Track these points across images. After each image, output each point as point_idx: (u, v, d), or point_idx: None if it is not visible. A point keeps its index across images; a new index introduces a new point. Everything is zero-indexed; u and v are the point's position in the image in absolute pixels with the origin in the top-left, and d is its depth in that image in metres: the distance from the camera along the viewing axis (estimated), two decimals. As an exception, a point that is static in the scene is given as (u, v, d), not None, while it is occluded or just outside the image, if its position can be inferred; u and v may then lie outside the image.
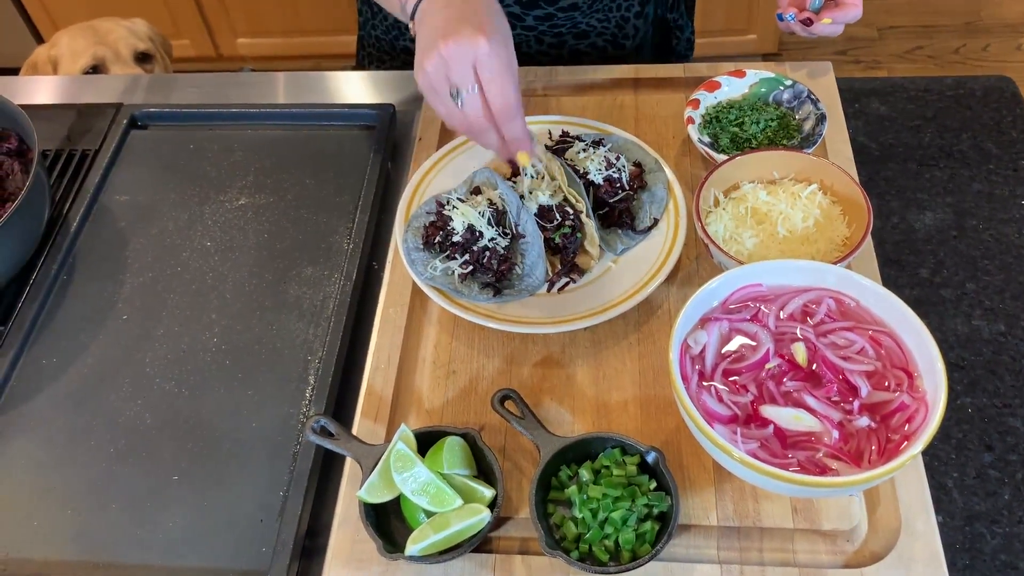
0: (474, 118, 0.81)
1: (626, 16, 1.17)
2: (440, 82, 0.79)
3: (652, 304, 0.88)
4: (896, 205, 0.99)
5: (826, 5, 0.95)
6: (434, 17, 0.81)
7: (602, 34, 1.19)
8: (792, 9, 0.96)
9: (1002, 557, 0.73)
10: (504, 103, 0.80)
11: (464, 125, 0.82)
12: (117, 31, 1.75)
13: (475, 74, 0.78)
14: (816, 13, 0.94)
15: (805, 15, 0.94)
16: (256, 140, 1.11)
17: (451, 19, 0.79)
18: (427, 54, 0.79)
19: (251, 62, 2.84)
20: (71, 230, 1.02)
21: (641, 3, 1.17)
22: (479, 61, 0.78)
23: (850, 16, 0.93)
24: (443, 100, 0.81)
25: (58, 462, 0.84)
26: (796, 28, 0.96)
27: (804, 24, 0.95)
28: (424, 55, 0.79)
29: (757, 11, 2.60)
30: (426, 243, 0.90)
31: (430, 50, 0.78)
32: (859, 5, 0.93)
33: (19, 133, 1.03)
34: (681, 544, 0.73)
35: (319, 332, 0.91)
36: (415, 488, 0.72)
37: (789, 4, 0.97)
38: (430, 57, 0.78)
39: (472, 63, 0.78)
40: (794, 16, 0.95)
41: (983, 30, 2.78)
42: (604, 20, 1.17)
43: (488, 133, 0.82)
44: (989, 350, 0.86)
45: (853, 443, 0.68)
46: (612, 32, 1.18)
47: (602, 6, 1.14)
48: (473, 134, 0.83)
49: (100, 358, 0.91)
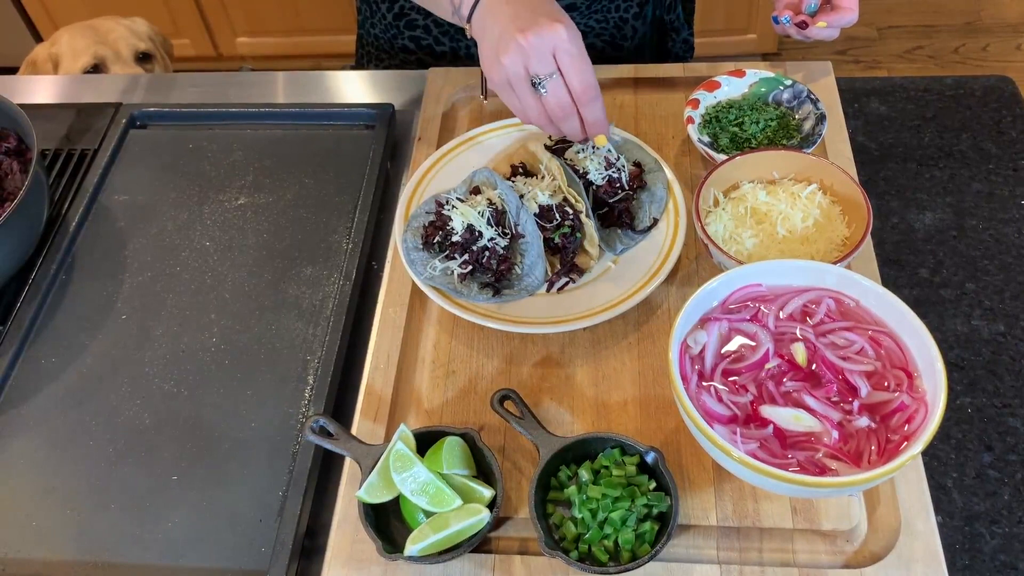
0: (556, 105, 0.83)
1: (624, 17, 1.17)
2: (519, 74, 0.81)
3: (652, 304, 0.88)
4: (896, 205, 0.98)
5: (821, 8, 0.95)
6: (499, 14, 0.82)
7: (600, 35, 1.18)
8: (787, 12, 0.96)
9: (1001, 557, 0.73)
10: (586, 86, 0.82)
11: (543, 116, 0.84)
12: (118, 30, 1.75)
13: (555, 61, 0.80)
14: (811, 16, 0.94)
15: (800, 18, 0.94)
16: (255, 140, 1.11)
17: (520, 13, 0.81)
18: (504, 48, 0.80)
19: (250, 61, 2.84)
20: (70, 230, 1.02)
21: (640, 4, 1.17)
22: (559, 48, 0.80)
23: (845, 20, 0.93)
24: (522, 92, 0.82)
25: (57, 462, 0.83)
26: (791, 31, 0.96)
27: (799, 27, 0.94)
28: (500, 50, 0.80)
29: (757, 11, 2.60)
30: (425, 243, 0.90)
31: (506, 44, 0.80)
32: (855, 10, 0.93)
33: (18, 132, 1.03)
34: (681, 544, 0.73)
35: (318, 332, 0.91)
36: (414, 488, 0.72)
37: (784, 7, 0.97)
38: (507, 51, 0.80)
39: (552, 51, 0.80)
40: (789, 19, 0.95)
41: (983, 30, 2.78)
42: (603, 21, 1.17)
43: (571, 118, 0.84)
44: (989, 350, 0.86)
45: (853, 443, 0.68)
46: (611, 33, 1.18)
47: (600, 7, 1.14)
48: (556, 121, 0.85)
49: (99, 358, 0.91)
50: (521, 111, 0.85)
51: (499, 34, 0.81)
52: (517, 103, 0.85)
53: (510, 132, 1.02)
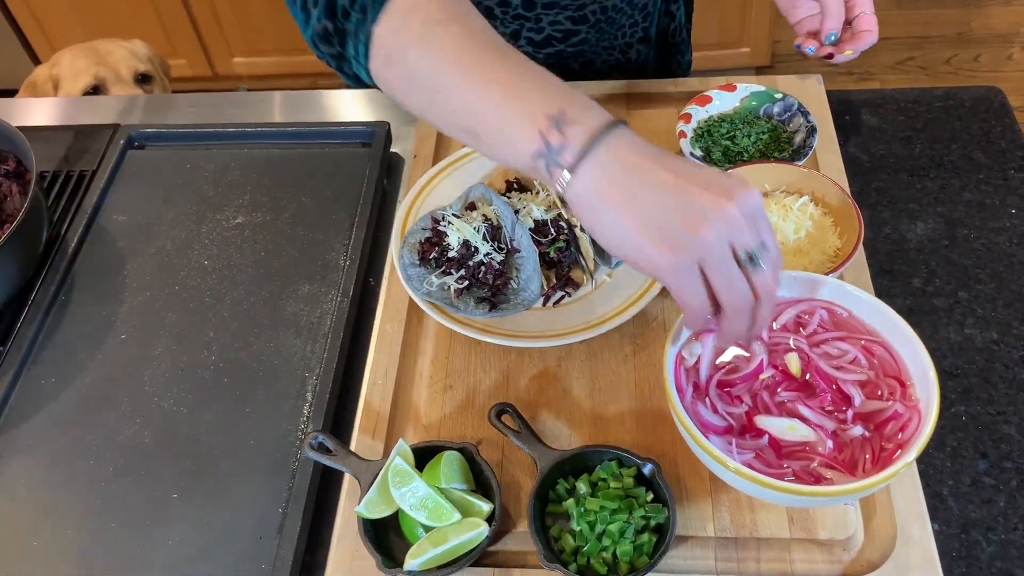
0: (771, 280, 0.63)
1: (630, 42, 1.18)
2: (724, 251, 0.60)
3: (647, 317, 0.89)
4: (888, 215, 0.99)
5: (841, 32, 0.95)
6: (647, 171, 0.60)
7: (607, 60, 1.19)
8: (812, 42, 0.95)
9: (998, 564, 0.74)
10: (778, 252, 0.63)
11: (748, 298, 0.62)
12: (118, 52, 1.76)
13: None
14: (833, 44, 0.94)
15: (826, 51, 0.94)
16: (252, 159, 1.12)
17: (686, 169, 0.61)
18: (702, 219, 0.59)
19: (247, 81, 2.85)
20: (69, 250, 1.03)
21: (644, 28, 1.17)
22: (758, 217, 0.61)
23: (867, 43, 0.93)
24: (728, 274, 0.61)
25: (58, 481, 0.84)
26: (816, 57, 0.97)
27: (826, 58, 0.95)
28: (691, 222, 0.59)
29: (750, 25, 2.62)
30: (422, 259, 0.91)
31: (701, 212, 0.59)
32: (875, 31, 0.93)
33: (17, 155, 1.04)
34: (679, 555, 0.73)
35: (316, 349, 0.91)
36: (413, 503, 0.72)
37: (807, 36, 0.97)
38: (707, 221, 0.58)
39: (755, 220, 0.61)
40: (814, 49, 0.95)
41: (974, 40, 2.80)
42: (609, 48, 1.17)
43: (773, 298, 0.64)
44: (982, 358, 0.86)
45: (847, 452, 0.69)
46: (616, 58, 1.19)
47: (609, 35, 1.15)
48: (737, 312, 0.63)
49: (99, 377, 0.91)
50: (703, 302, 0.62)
51: (673, 199, 0.59)
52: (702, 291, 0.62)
53: (505, 148, 1.03)
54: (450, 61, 0.66)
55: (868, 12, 0.94)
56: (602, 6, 1.08)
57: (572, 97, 0.63)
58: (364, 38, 0.70)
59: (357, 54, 0.72)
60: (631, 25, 1.15)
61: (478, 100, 0.65)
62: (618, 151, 0.61)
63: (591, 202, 0.61)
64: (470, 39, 0.67)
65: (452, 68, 0.66)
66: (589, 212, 0.62)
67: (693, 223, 0.59)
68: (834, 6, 0.92)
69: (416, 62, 0.68)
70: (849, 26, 0.95)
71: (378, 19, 0.69)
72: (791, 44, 1.00)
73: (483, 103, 0.65)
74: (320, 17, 0.73)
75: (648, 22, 1.17)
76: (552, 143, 0.62)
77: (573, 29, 1.10)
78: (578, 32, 1.11)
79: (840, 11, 0.93)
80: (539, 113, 0.62)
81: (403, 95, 0.72)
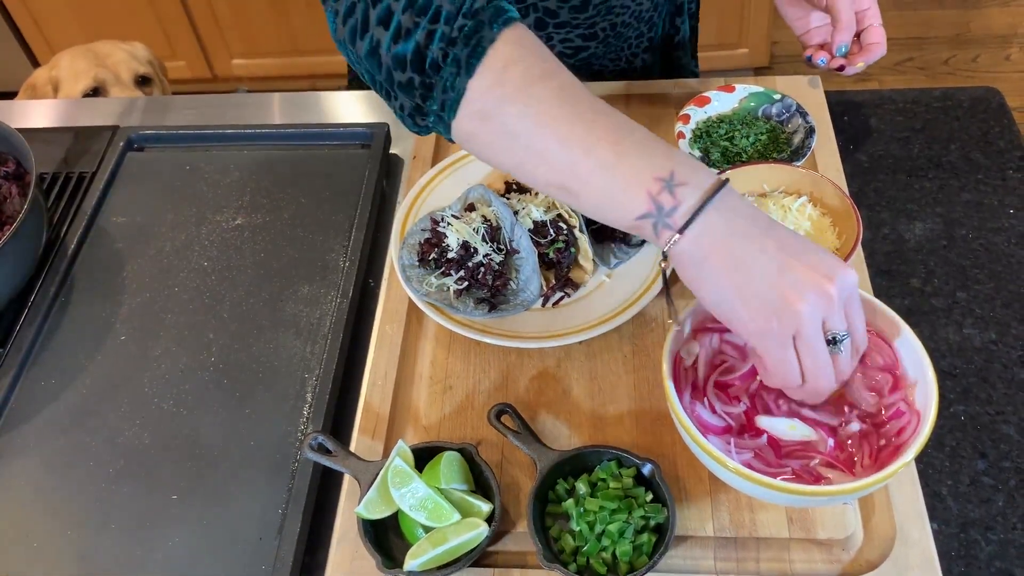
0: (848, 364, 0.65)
1: (635, 52, 1.18)
2: (815, 329, 0.61)
3: (646, 317, 0.89)
4: (886, 216, 1.00)
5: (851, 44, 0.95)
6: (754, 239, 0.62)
7: (613, 71, 1.19)
8: (822, 54, 0.95)
9: (997, 564, 0.74)
10: (865, 338, 0.67)
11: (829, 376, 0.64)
12: (117, 54, 1.77)
13: None
14: (844, 56, 0.94)
15: (837, 63, 0.94)
16: (252, 160, 1.12)
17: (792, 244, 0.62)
18: (799, 293, 0.60)
19: (246, 83, 2.85)
20: (69, 252, 1.03)
21: (650, 38, 1.17)
22: (852, 300, 0.63)
23: (877, 55, 0.93)
24: (817, 350, 0.62)
25: (57, 483, 0.84)
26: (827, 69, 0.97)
27: (837, 71, 0.95)
28: (789, 295, 0.60)
29: (749, 26, 2.62)
30: (421, 260, 0.91)
31: (801, 286, 0.60)
32: (883, 43, 0.93)
33: (16, 156, 1.04)
34: (678, 555, 0.73)
35: (316, 350, 0.91)
36: (413, 503, 0.72)
37: (817, 48, 0.97)
38: (804, 297, 0.60)
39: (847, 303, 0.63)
40: (825, 61, 0.95)
41: (972, 41, 2.81)
42: (616, 59, 1.17)
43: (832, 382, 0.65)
44: (980, 358, 0.87)
45: (847, 451, 0.69)
46: (622, 68, 1.19)
47: (616, 48, 1.15)
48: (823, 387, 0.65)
49: (98, 379, 0.92)
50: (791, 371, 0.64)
51: (776, 271, 0.61)
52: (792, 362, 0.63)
53: (504, 149, 1.03)
54: (553, 118, 0.64)
55: (876, 24, 0.93)
56: (612, 23, 1.08)
57: (679, 158, 0.64)
58: (456, 94, 0.66)
59: (443, 108, 0.67)
60: (637, 37, 1.15)
61: (582, 160, 0.64)
62: (727, 214, 0.62)
63: (696, 262, 0.63)
64: (570, 94, 0.65)
65: (555, 126, 0.64)
66: (692, 270, 0.63)
67: (791, 297, 0.60)
68: (846, 18, 0.92)
69: (516, 119, 0.65)
70: (857, 38, 0.95)
71: (474, 73, 0.65)
72: (790, 45, 1.00)
73: (588, 164, 0.64)
74: (405, 67, 0.67)
75: (653, 32, 1.17)
76: (664, 206, 0.63)
77: (583, 45, 1.10)
78: (588, 48, 1.11)
79: (852, 23, 0.92)
80: (649, 176, 0.63)
81: (495, 151, 0.68)
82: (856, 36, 0.94)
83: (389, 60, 0.68)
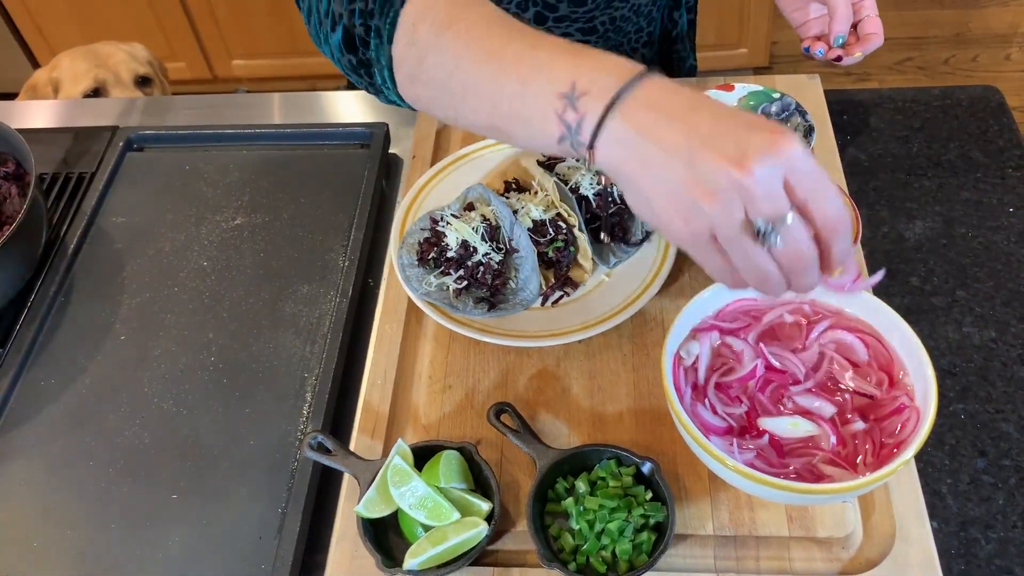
0: (795, 255, 0.56)
1: (635, 47, 1.18)
2: (735, 226, 0.55)
3: (646, 316, 0.89)
4: (886, 215, 1.00)
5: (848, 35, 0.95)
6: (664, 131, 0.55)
7: None
8: (820, 45, 0.95)
9: (997, 562, 0.74)
10: (837, 216, 0.56)
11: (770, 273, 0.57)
12: (118, 55, 1.77)
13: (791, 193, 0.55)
14: (841, 47, 0.94)
15: (835, 54, 0.94)
16: (251, 160, 1.12)
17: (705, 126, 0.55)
18: (706, 191, 0.54)
19: (246, 83, 2.85)
20: (68, 252, 1.03)
21: (649, 33, 1.17)
22: (793, 171, 0.54)
23: (875, 45, 0.93)
24: (741, 250, 0.56)
25: (57, 483, 0.84)
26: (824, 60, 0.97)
27: (835, 61, 0.95)
28: (697, 193, 0.54)
29: (748, 25, 2.62)
30: (421, 259, 0.91)
31: (709, 183, 0.54)
32: (881, 33, 0.93)
33: (16, 157, 1.04)
34: (678, 554, 0.73)
35: (316, 349, 0.91)
36: (412, 502, 0.72)
37: (814, 39, 0.97)
38: (713, 194, 0.54)
39: (784, 180, 0.54)
40: (823, 52, 0.95)
41: (972, 41, 2.81)
42: None
43: (812, 268, 0.58)
44: (980, 356, 0.86)
45: (850, 447, 0.69)
46: None
47: (615, 43, 1.15)
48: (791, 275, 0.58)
49: (98, 379, 0.92)
50: (728, 272, 0.59)
51: (683, 166, 0.54)
52: (724, 264, 0.58)
53: (503, 149, 1.03)
54: (463, 59, 0.63)
55: (873, 15, 0.94)
56: (611, 16, 1.08)
57: (584, 63, 0.59)
58: (386, 62, 0.67)
59: (385, 81, 0.68)
60: (636, 31, 1.15)
61: (496, 95, 0.62)
62: (637, 114, 0.56)
63: (615, 175, 0.59)
64: (476, 33, 0.63)
65: (466, 67, 0.63)
66: (619, 181, 0.59)
67: (698, 193, 0.54)
68: (843, 9, 0.92)
69: (433, 71, 0.65)
70: (855, 29, 0.95)
71: (393, 38, 0.66)
72: (789, 45, 1.01)
73: (501, 97, 0.61)
74: (343, 52, 0.69)
75: (652, 27, 1.17)
76: (571, 123, 0.58)
77: (582, 40, 1.10)
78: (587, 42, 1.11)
79: (848, 14, 0.93)
80: (553, 94, 0.59)
81: (436, 108, 0.68)
82: (853, 27, 0.94)
83: (335, 49, 0.70)
